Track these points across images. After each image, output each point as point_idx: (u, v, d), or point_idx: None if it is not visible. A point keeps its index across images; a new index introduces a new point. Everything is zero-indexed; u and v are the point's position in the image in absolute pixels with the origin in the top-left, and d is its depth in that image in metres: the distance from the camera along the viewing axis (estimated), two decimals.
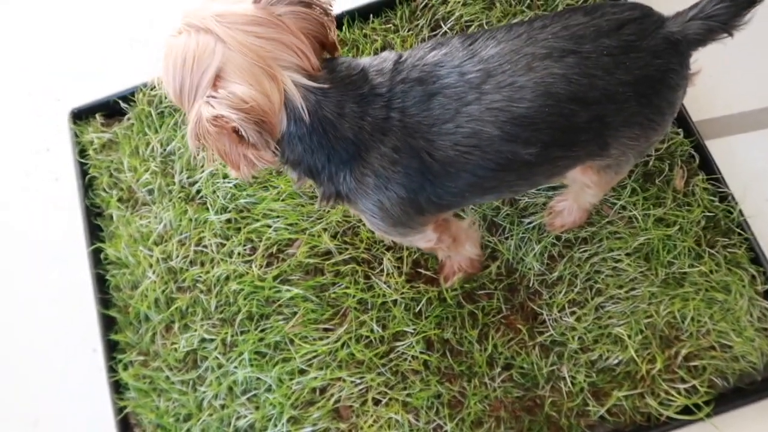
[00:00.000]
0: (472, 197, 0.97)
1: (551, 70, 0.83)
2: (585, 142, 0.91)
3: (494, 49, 0.85)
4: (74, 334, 1.40)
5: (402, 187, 0.89)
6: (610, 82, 0.84)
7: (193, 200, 1.42)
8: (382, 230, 0.99)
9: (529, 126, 0.84)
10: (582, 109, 0.85)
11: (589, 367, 1.22)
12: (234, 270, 1.34)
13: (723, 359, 1.21)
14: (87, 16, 1.71)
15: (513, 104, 0.83)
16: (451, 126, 0.84)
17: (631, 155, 0.97)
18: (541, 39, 0.85)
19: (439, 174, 0.88)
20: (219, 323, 1.32)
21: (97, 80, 1.58)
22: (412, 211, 0.93)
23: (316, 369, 1.25)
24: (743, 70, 1.42)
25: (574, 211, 1.25)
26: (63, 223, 1.49)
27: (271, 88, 0.77)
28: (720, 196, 1.30)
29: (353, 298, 1.28)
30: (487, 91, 0.83)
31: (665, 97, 0.89)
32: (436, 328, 1.25)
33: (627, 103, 0.87)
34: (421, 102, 0.85)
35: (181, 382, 1.29)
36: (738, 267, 1.26)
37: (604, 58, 0.84)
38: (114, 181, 1.48)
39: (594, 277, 1.27)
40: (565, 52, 0.83)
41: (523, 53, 0.84)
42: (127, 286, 1.38)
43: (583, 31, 0.85)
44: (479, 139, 0.85)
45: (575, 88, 0.83)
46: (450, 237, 1.12)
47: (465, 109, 0.84)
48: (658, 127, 0.93)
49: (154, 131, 1.49)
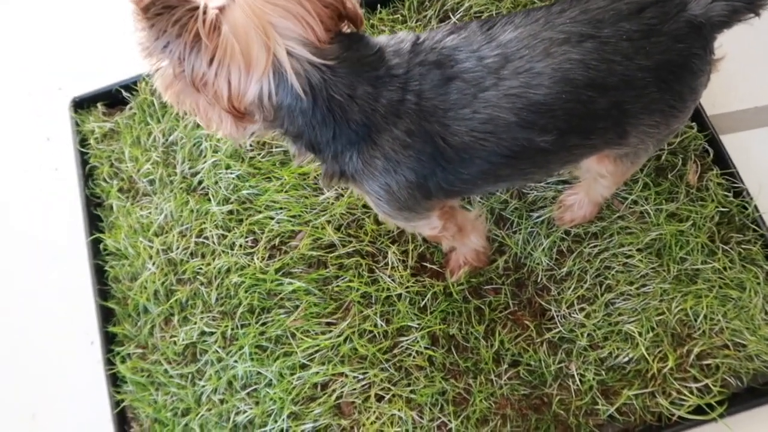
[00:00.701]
0: (485, 185, 0.94)
1: (569, 56, 0.80)
2: (603, 130, 0.88)
3: (512, 34, 0.83)
4: (72, 325, 1.38)
5: (412, 172, 0.86)
6: (630, 68, 0.82)
7: (194, 191, 1.39)
8: (387, 213, 0.96)
9: (546, 113, 0.82)
10: (600, 96, 0.82)
11: (599, 365, 1.19)
12: (235, 262, 1.31)
13: (737, 358, 1.17)
14: (89, 4, 1.69)
15: (530, 90, 0.81)
16: (467, 111, 0.82)
17: (650, 143, 0.94)
18: (559, 24, 0.82)
19: (452, 160, 0.85)
20: (219, 316, 1.29)
21: (99, 69, 1.56)
22: (420, 196, 0.90)
23: (318, 364, 1.22)
24: (758, 65, 1.39)
25: (584, 204, 1.22)
26: (62, 213, 1.47)
27: (258, 55, 0.74)
28: (734, 192, 1.27)
29: (357, 292, 1.25)
30: (504, 76, 0.81)
31: (687, 83, 0.86)
32: (441, 324, 1.22)
33: (647, 89, 0.84)
34: (438, 86, 0.82)
35: (179, 376, 1.26)
36: (753, 264, 1.22)
37: (623, 42, 0.81)
38: (115, 171, 1.45)
39: (604, 273, 1.24)
40: (584, 37, 0.81)
41: (540, 38, 0.81)
42: (126, 277, 1.36)
43: (602, 15, 0.82)
44: (495, 125, 0.82)
45: (593, 74, 0.81)
46: (455, 226, 1.09)
47: (482, 94, 0.81)
48: (680, 114, 0.90)
49: (156, 121, 1.46)
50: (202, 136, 1.42)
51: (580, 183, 1.23)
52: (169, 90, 0.80)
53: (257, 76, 0.75)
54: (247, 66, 0.74)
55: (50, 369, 1.36)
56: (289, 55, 0.75)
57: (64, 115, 1.52)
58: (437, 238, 1.13)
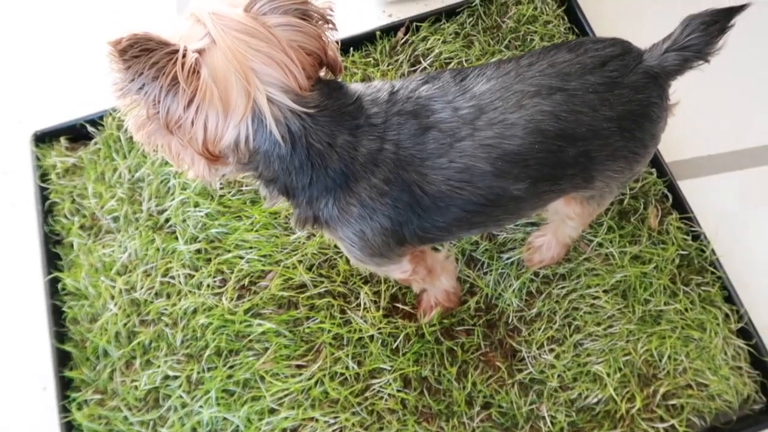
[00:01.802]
0: (459, 231, 0.95)
1: (541, 108, 0.84)
2: (571, 176, 0.91)
3: (485, 86, 0.86)
4: (23, 370, 1.30)
5: (388, 219, 0.87)
6: (596, 118, 0.86)
7: (161, 229, 1.36)
8: (359, 259, 0.96)
9: (519, 162, 0.85)
10: (569, 145, 0.86)
11: (569, 406, 1.20)
12: (202, 303, 1.27)
13: (700, 398, 1.21)
14: (53, 35, 1.66)
15: (504, 141, 0.84)
16: (444, 161, 0.84)
17: (615, 186, 0.99)
18: (529, 76, 0.86)
19: (428, 208, 0.86)
20: (184, 359, 1.24)
21: (63, 103, 1.52)
22: (393, 243, 0.91)
23: (288, 408, 1.19)
24: (710, 116, 1.47)
25: (552, 246, 1.25)
26: (18, 250, 1.40)
27: (238, 100, 0.74)
28: (693, 235, 1.32)
29: (328, 333, 1.23)
30: (480, 127, 0.83)
31: (648, 130, 0.91)
32: (414, 365, 1.21)
33: (612, 138, 0.88)
34: (416, 135, 0.84)
35: (140, 423, 1.20)
36: (712, 305, 1.27)
37: (589, 95, 0.85)
38: (76, 208, 1.40)
39: (572, 313, 1.26)
40: (553, 90, 0.85)
41: (513, 90, 0.85)
42: (85, 318, 1.30)
43: (568, 68, 0.87)
44: (471, 174, 0.84)
45: (564, 125, 0.84)
46: (425, 269, 1.10)
47: (458, 144, 0.83)
48: (642, 159, 0.94)
49: (122, 157, 1.43)
50: (170, 173, 1.39)
51: (547, 225, 1.26)
52: (141, 131, 0.78)
53: (235, 122, 0.75)
54: (225, 111, 0.74)
55: None
56: (270, 102, 0.75)
57: (24, 149, 1.47)
58: (408, 281, 1.13)
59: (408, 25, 1.53)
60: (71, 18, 1.68)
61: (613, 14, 1.58)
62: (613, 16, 1.57)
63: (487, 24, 1.54)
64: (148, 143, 0.80)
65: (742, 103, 1.50)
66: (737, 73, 1.50)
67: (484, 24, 1.54)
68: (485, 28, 1.54)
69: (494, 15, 1.55)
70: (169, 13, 1.66)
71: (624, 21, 1.56)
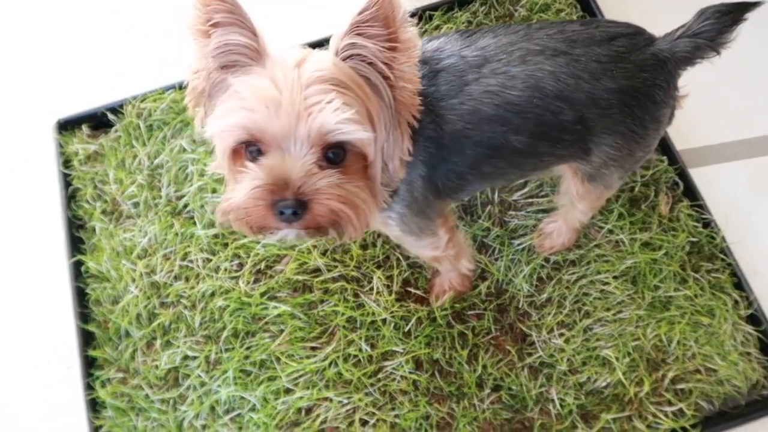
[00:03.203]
0: (474, 181, 0.99)
1: (542, 66, 0.88)
2: (569, 143, 0.94)
3: (492, 40, 0.90)
4: (49, 349, 1.35)
5: (423, 165, 0.91)
6: (596, 87, 0.89)
7: (179, 214, 1.39)
8: (405, 222, 0.99)
9: (519, 114, 0.89)
10: (568, 108, 0.89)
11: (578, 390, 1.22)
12: (220, 286, 1.31)
13: (708, 383, 1.22)
14: (77, 25, 1.69)
15: (506, 91, 0.88)
16: (456, 101, 0.88)
17: (614, 168, 1.00)
18: (536, 37, 0.90)
19: (449, 148, 0.91)
20: (203, 340, 1.28)
21: (84, 91, 1.56)
22: (431, 196, 0.95)
23: (303, 388, 1.22)
24: (722, 104, 1.47)
25: (563, 232, 1.27)
26: (43, 234, 1.45)
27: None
28: (703, 223, 1.33)
29: (342, 316, 1.26)
30: (484, 74, 0.88)
31: (649, 111, 0.92)
32: (425, 348, 1.24)
33: (610, 110, 0.91)
34: (428, 77, 0.88)
35: (161, 401, 1.25)
36: (722, 292, 1.28)
37: (592, 63, 0.88)
38: (98, 193, 1.44)
39: (582, 299, 1.28)
40: (557, 52, 0.88)
41: (518, 46, 0.89)
42: (107, 300, 1.34)
43: (576, 36, 0.90)
44: (479, 117, 0.89)
45: (562, 87, 0.88)
46: (455, 247, 1.13)
47: (467, 88, 0.88)
48: (641, 140, 0.96)
49: (141, 144, 1.47)
50: (188, 159, 1.42)
51: (558, 211, 1.27)
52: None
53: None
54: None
55: (24, 392, 1.32)
56: None
57: (48, 136, 1.51)
58: (438, 259, 1.15)
59: (421, 14, 1.54)
60: (94, 11, 1.71)
61: (627, 3, 1.58)
62: (627, 4, 1.57)
63: (500, 12, 1.55)
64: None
65: (754, 92, 1.50)
66: (749, 62, 1.50)
67: (497, 12, 1.55)
68: (498, 16, 1.55)
69: (507, 3, 1.56)
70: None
71: (638, 10, 1.56)
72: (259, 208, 0.76)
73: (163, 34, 1.65)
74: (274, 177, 0.75)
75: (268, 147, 0.77)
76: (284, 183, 0.75)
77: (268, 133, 0.75)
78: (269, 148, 0.77)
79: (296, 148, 0.75)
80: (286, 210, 0.75)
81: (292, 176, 0.75)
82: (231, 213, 0.80)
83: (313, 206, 0.76)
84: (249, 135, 0.77)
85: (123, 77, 1.58)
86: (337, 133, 0.74)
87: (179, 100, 1.48)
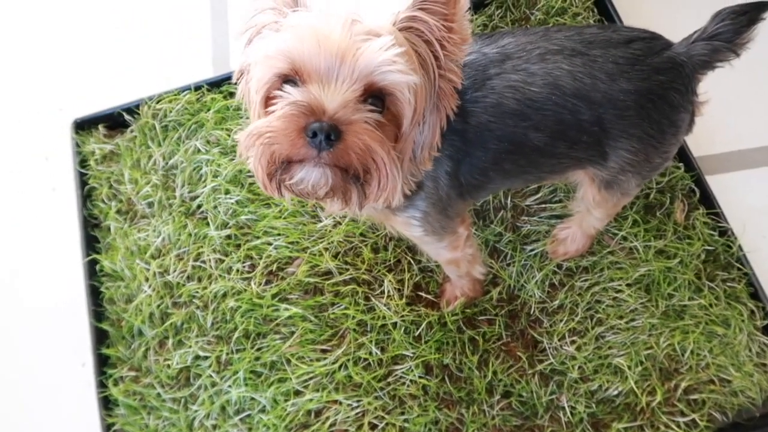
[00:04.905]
0: (495, 178, 0.99)
1: (559, 65, 0.89)
2: (587, 145, 0.94)
3: (511, 39, 0.92)
4: (63, 346, 1.37)
5: (449, 159, 0.92)
6: (612, 88, 0.89)
7: (193, 215, 1.40)
8: (428, 221, 0.99)
9: (538, 110, 0.89)
10: (585, 107, 0.90)
11: (589, 398, 1.21)
12: (232, 287, 1.32)
13: (722, 393, 1.21)
14: (95, 26, 1.71)
15: (526, 87, 0.89)
16: (479, 95, 0.89)
17: (631, 175, 0.99)
18: (554, 38, 0.91)
19: (473, 141, 0.91)
20: (214, 340, 1.29)
21: (101, 91, 1.58)
22: (454, 194, 0.96)
23: (313, 391, 1.23)
24: (742, 111, 1.45)
25: (577, 238, 1.26)
26: (58, 233, 1.47)
27: None
28: (719, 231, 1.32)
29: (353, 320, 1.27)
30: (506, 69, 0.89)
31: (665, 114, 0.92)
32: (435, 353, 1.24)
33: (627, 112, 0.91)
34: None
35: (172, 400, 1.26)
36: (737, 301, 1.26)
37: (609, 64, 0.89)
38: (113, 193, 1.46)
39: (595, 306, 1.27)
40: (575, 52, 0.89)
41: (537, 45, 0.90)
42: (121, 299, 1.36)
43: (593, 38, 0.91)
44: (502, 111, 0.89)
45: (579, 85, 0.88)
46: (472, 249, 1.13)
47: (489, 82, 0.89)
48: (658, 145, 0.95)
49: (157, 144, 1.48)
50: (202, 160, 1.43)
51: (572, 217, 1.26)
52: None
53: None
54: None
55: (38, 389, 1.35)
56: None
57: (65, 135, 1.53)
58: (456, 262, 1.15)
59: None
60: (112, 10, 1.73)
61: (645, 7, 1.56)
62: (645, 8, 1.56)
63: (516, 16, 1.54)
64: None
65: None
66: None
67: (513, 16, 1.54)
68: (514, 20, 1.54)
69: (523, 6, 1.55)
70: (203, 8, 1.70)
71: (656, 14, 1.54)
72: (290, 131, 0.71)
73: (181, 35, 1.67)
74: (312, 101, 0.71)
75: (309, 80, 0.73)
76: (321, 109, 0.70)
77: (311, 66, 0.72)
78: (309, 81, 0.73)
79: (338, 83, 0.72)
80: (319, 133, 0.69)
81: (330, 105, 0.70)
82: (256, 137, 0.73)
83: (347, 137, 0.70)
84: (291, 66, 0.73)
85: (140, 77, 1.60)
86: (383, 72, 0.72)
87: (194, 101, 1.49)
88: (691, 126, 0.99)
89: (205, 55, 1.63)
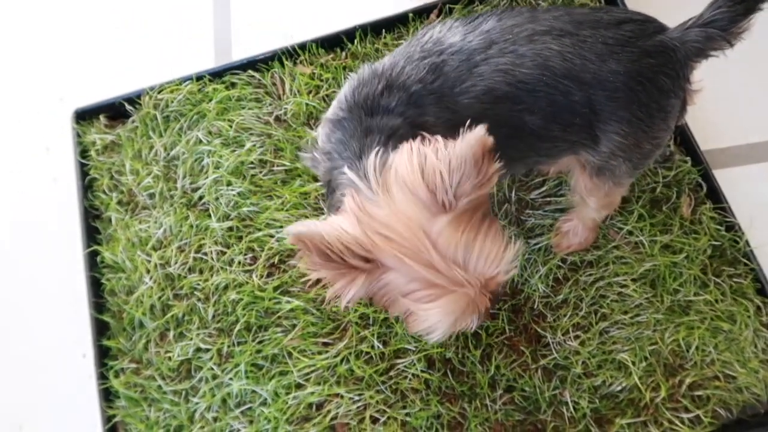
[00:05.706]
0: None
1: (548, 45, 0.88)
2: (579, 127, 0.93)
3: (496, 23, 0.90)
4: (64, 338, 1.36)
5: None
6: (602, 68, 0.88)
7: (194, 206, 1.39)
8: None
9: (530, 92, 0.88)
10: (576, 88, 0.89)
11: (592, 393, 1.20)
12: (233, 279, 1.31)
13: (727, 390, 1.19)
14: (95, 16, 1.70)
15: (516, 69, 0.87)
16: (468, 84, 0.88)
17: (622, 160, 0.98)
18: (542, 18, 0.90)
19: None
20: (216, 333, 1.28)
21: (102, 81, 1.57)
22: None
23: (314, 384, 1.22)
24: (749, 104, 1.43)
25: (579, 231, 1.24)
26: (59, 223, 1.46)
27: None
28: (726, 226, 1.30)
29: (355, 313, 1.26)
30: (491, 55, 0.88)
31: (654, 98, 0.90)
32: (438, 347, 1.23)
33: (616, 93, 0.89)
34: (431, 72, 0.88)
35: (173, 392, 1.25)
36: (743, 297, 1.25)
37: (599, 45, 0.88)
38: (114, 184, 1.45)
39: (599, 301, 1.26)
40: (564, 33, 0.88)
41: (524, 27, 0.89)
42: (122, 291, 1.35)
43: (583, 18, 0.90)
44: (494, 96, 0.88)
45: (569, 66, 0.87)
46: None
47: (476, 69, 0.88)
48: (647, 129, 0.93)
49: (158, 135, 1.47)
50: (204, 151, 1.42)
51: (574, 210, 1.25)
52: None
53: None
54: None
55: (40, 380, 1.34)
56: None
57: (66, 125, 1.52)
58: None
59: (441, 7, 1.51)
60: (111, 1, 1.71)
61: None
62: None
63: (523, 5, 1.52)
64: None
65: None
66: None
67: (518, 5, 1.52)
68: None
69: None
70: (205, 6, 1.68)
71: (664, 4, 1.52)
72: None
73: (183, 25, 1.65)
74: None
75: None
76: None
77: None
78: None
79: None
80: None
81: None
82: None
83: None
84: None
85: (141, 67, 1.59)
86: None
87: (196, 91, 1.48)
88: (682, 114, 0.98)
89: (207, 45, 1.62)
